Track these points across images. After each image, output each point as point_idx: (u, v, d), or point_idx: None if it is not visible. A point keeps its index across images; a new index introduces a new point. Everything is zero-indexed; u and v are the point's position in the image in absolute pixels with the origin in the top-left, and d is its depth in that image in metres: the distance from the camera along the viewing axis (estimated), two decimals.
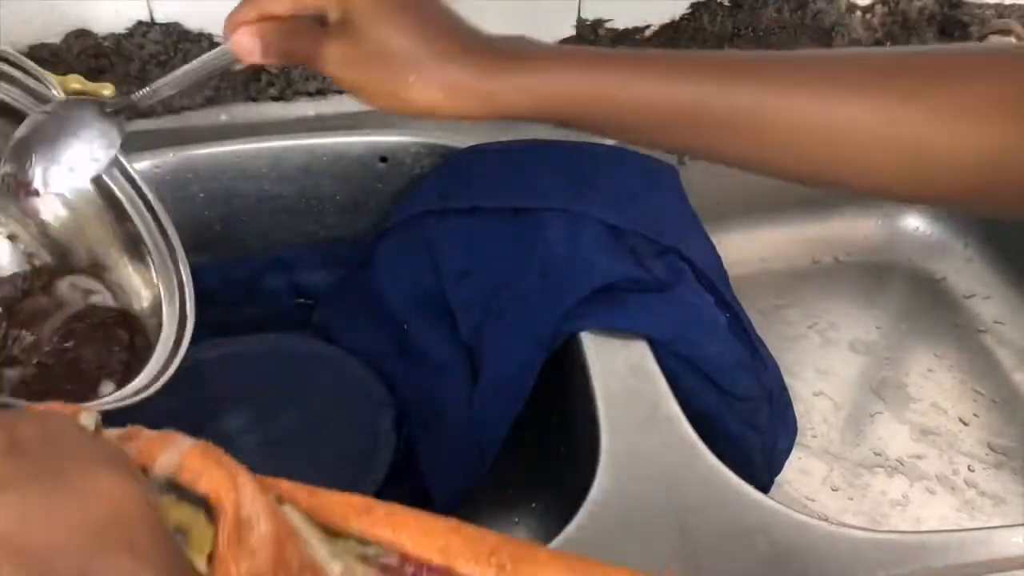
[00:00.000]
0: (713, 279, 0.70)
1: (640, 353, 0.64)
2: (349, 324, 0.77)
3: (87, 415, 0.37)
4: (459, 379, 0.69)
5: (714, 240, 0.76)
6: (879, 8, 0.95)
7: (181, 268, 0.57)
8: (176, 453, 0.37)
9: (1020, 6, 0.96)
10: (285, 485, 0.40)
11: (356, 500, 0.39)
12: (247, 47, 0.44)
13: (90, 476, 0.32)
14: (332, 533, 0.39)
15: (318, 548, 0.38)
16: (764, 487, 0.64)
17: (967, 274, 0.96)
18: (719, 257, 0.75)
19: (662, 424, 0.59)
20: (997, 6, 0.96)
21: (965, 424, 0.84)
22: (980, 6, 0.96)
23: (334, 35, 0.42)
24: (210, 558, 0.35)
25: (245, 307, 0.81)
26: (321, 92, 0.85)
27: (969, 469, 0.80)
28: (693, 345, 0.65)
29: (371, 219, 0.83)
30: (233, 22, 0.44)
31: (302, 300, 0.83)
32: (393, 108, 0.42)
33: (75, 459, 0.33)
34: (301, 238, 0.83)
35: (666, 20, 0.90)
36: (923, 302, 0.95)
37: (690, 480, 0.56)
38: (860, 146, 0.41)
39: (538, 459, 0.73)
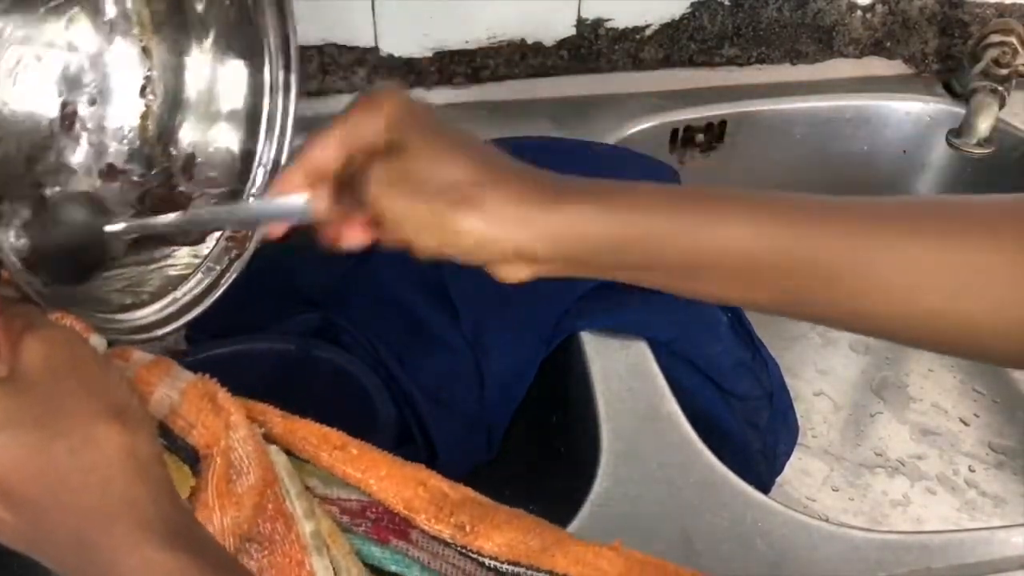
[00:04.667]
0: None
1: (640, 353, 0.64)
2: (355, 312, 0.77)
3: (96, 337, 0.37)
4: (469, 358, 0.70)
5: None
6: (879, 7, 0.95)
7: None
8: (174, 390, 0.38)
9: (1020, 6, 0.96)
10: (259, 408, 0.40)
11: (333, 435, 0.40)
12: (320, 210, 0.42)
13: (89, 423, 0.32)
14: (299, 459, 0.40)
15: (295, 503, 0.38)
16: (764, 487, 0.64)
17: None
18: None
19: (662, 424, 0.59)
20: (997, 6, 0.96)
21: (965, 424, 0.84)
22: (980, 6, 0.96)
23: (383, 161, 0.39)
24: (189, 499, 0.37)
25: (245, 309, 0.81)
26: (321, 92, 0.85)
27: (970, 469, 0.80)
28: (693, 345, 0.65)
29: None
30: (282, 184, 0.42)
31: (303, 307, 0.83)
32: (438, 242, 0.39)
33: (75, 397, 0.32)
34: (301, 238, 0.83)
35: (666, 20, 0.90)
36: None
37: (690, 480, 0.56)
38: (998, 297, 0.34)
39: (538, 459, 0.73)
